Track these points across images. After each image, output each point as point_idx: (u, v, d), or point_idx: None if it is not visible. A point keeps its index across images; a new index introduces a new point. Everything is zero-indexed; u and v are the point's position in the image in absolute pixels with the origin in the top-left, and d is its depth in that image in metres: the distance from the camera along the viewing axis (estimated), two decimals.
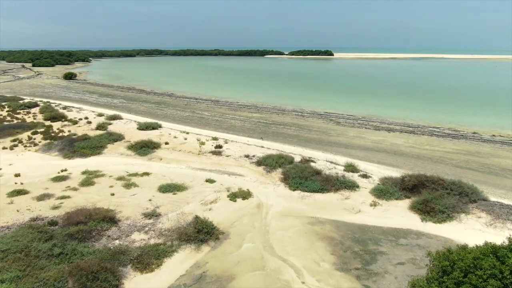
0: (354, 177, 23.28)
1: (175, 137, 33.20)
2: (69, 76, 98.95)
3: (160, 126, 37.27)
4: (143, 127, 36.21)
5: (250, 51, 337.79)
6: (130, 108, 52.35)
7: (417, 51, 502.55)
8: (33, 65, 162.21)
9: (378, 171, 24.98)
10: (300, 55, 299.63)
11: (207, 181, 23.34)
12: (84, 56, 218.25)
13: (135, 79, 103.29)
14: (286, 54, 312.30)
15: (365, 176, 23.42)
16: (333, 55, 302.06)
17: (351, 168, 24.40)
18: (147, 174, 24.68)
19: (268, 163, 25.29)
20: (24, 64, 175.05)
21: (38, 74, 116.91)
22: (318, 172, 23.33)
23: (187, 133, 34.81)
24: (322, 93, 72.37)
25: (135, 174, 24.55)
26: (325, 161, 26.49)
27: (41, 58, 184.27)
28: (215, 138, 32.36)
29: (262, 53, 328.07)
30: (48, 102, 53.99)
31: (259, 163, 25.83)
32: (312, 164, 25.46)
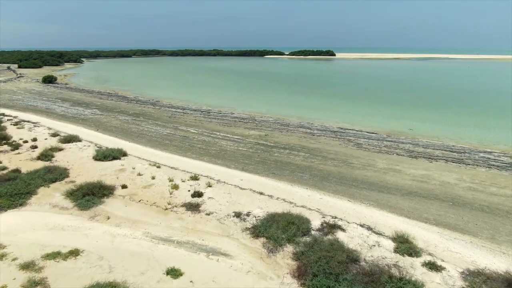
0: (415, 267, 13.90)
1: (139, 174, 23.78)
2: (48, 80, 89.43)
3: (124, 154, 27.85)
4: (101, 156, 26.79)
5: (250, 51, 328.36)
6: (101, 122, 42.94)
7: (419, 51, 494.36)
8: (19, 67, 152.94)
9: (446, 247, 15.60)
10: (301, 55, 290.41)
11: (169, 273, 13.96)
12: (76, 57, 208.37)
13: (122, 83, 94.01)
14: (287, 55, 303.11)
15: (433, 265, 14.00)
16: (334, 55, 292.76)
17: (405, 247, 14.96)
18: (75, 254, 15.28)
19: (270, 234, 15.86)
20: (11, 65, 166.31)
21: (18, 77, 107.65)
22: (354, 259, 13.97)
23: (159, 166, 25.38)
24: (330, 100, 62.99)
25: (56, 255, 15.16)
26: (359, 226, 17.09)
27: (30, 59, 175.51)
28: (195, 178, 22.94)
29: (262, 53, 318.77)
30: (3, 114, 44.62)
31: (257, 231, 16.43)
32: (341, 234, 16.07)
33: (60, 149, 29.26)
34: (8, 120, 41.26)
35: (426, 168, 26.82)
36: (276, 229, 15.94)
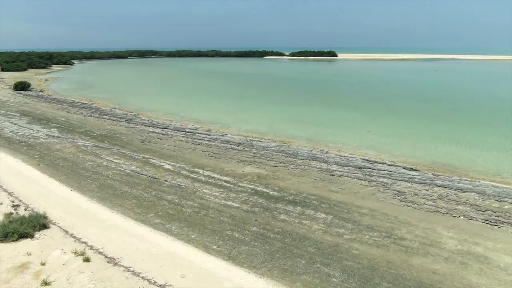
0: None
1: (45, 283, 13.54)
2: (21, 86, 79.08)
3: (44, 226, 17.64)
4: (1, 234, 16.58)
5: (249, 51, 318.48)
6: (50, 150, 32.80)
7: (422, 51, 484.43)
8: (2, 69, 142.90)
9: None
10: (302, 56, 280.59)
11: None
12: (66, 59, 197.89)
13: (105, 89, 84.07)
14: (287, 55, 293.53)
15: None
16: (336, 56, 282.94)
17: None
18: None
19: None
20: None
21: None
22: None
23: (88, 259, 15.15)
24: (343, 113, 52.85)
25: None
26: None
27: (17, 61, 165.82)
28: None
29: (262, 54, 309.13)
30: None
31: None
32: None
33: None
34: None
35: None
36: None
